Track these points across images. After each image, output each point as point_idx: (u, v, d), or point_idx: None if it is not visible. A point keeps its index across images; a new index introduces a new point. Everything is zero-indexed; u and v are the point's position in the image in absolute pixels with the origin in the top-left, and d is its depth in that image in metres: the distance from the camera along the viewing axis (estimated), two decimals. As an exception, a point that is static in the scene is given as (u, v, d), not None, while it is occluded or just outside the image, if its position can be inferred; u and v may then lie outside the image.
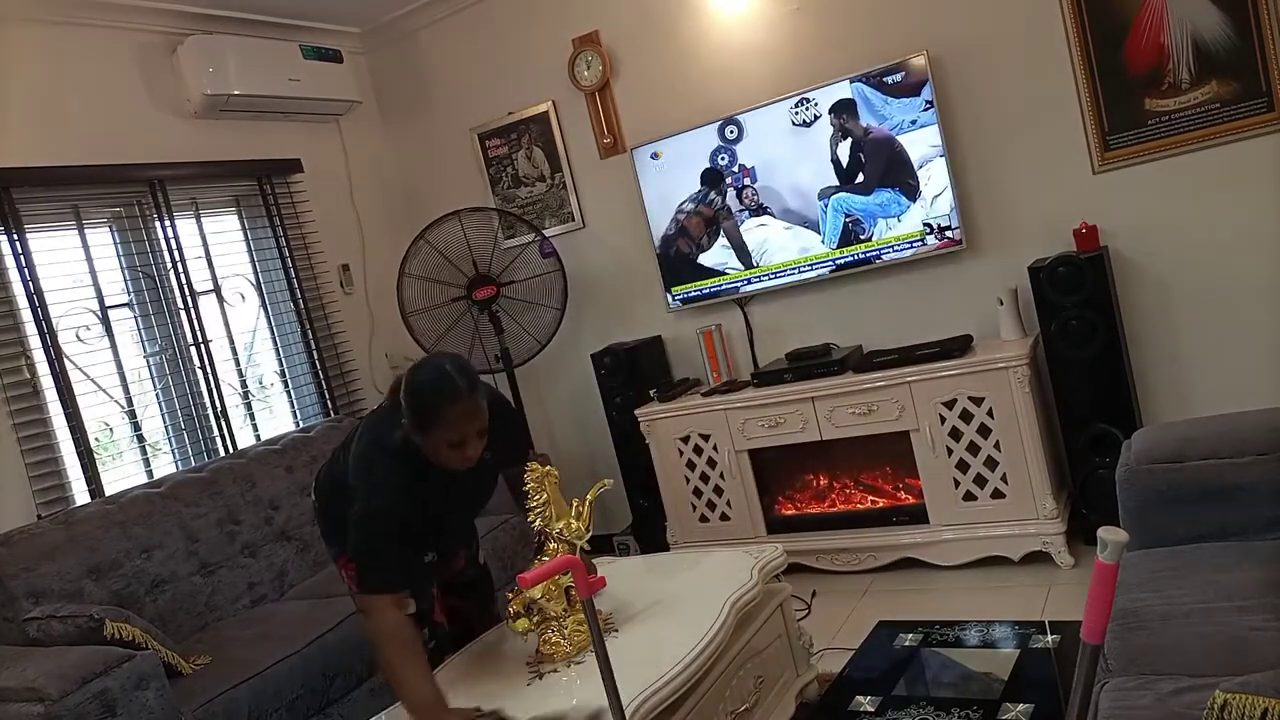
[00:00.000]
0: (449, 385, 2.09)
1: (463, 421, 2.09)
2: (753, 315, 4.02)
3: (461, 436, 2.10)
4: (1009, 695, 2.45)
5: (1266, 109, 3.00)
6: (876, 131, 3.47)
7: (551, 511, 2.26)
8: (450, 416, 2.08)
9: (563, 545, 2.25)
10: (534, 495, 2.27)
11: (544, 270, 4.14)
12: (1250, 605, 1.65)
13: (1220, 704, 1.19)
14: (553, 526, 2.25)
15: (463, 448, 2.12)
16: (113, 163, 3.48)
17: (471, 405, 2.11)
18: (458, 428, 2.09)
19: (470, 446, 2.13)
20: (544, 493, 2.27)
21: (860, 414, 3.39)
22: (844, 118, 3.52)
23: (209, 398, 3.70)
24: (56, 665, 2.29)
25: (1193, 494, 1.98)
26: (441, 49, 4.51)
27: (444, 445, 2.11)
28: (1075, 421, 3.20)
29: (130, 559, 2.96)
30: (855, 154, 3.53)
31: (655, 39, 4.00)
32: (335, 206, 4.43)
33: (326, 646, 2.80)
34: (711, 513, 3.79)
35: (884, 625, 3.04)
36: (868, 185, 3.55)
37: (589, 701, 1.90)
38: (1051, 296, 3.13)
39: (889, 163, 3.48)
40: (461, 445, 2.11)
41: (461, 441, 2.11)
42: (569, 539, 2.25)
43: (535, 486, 2.27)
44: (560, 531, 2.25)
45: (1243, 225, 3.11)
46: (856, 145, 3.53)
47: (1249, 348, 3.17)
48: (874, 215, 3.56)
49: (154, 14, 3.69)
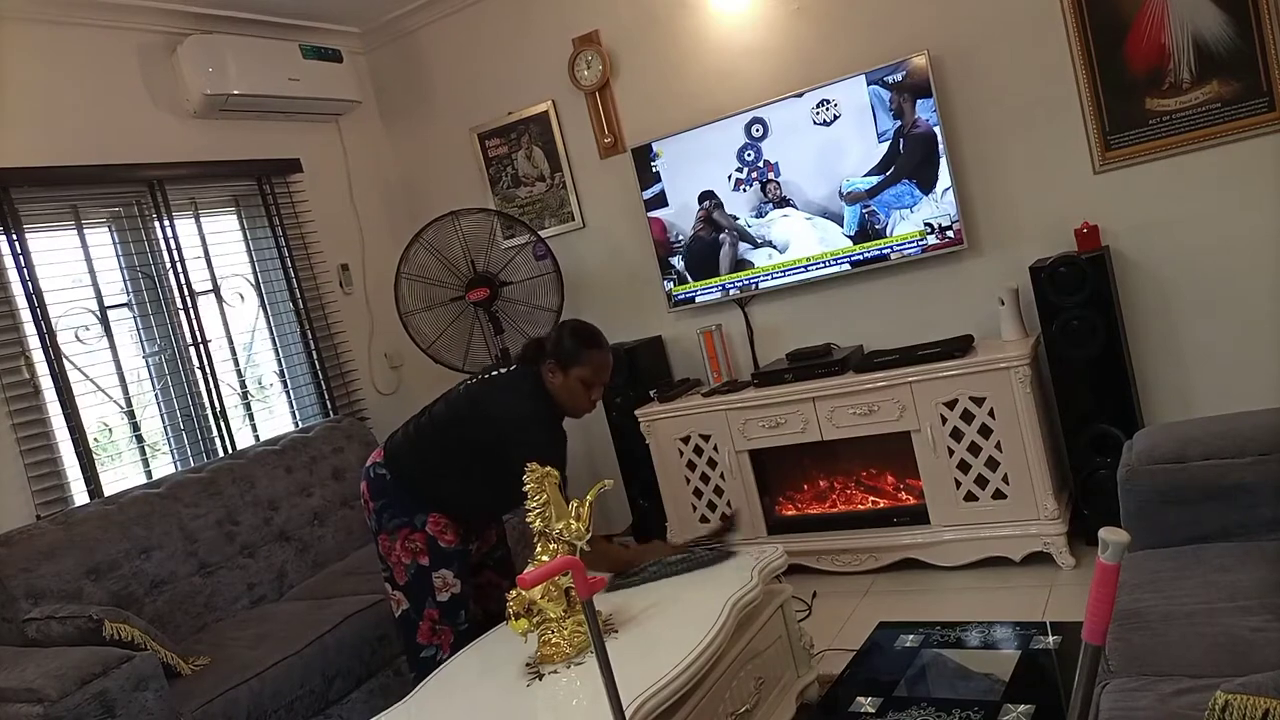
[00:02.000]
0: (601, 335, 2.56)
1: (604, 367, 2.53)
2: (753, 315, 4.01)
3: (599, 379, 2.53)
4: (1010, 696, 2.44)
5: (1267, 109, 2.99)
6: (922, 125, 3.43)
7: (551, 512, 2.26)
8: (599, 357, 2.51)
9: (562, 546, 2.24)
10: (534, 495, 2.26)
11: (539, 272, 4.13)
12: (1252, 606, 1.64)
13: (1221, 705, 1.19)
14: (552, 527, 2.25)
15: (590, 391, 2.52)
16: (112, 163, 3.48)
17: (611, 357, 2.57)
18: (600, 371, 2.52)
19: (596, 391, 2.54)
20: (544, 493, 2.26)
21: (861, 414, 3.39)
22: (903, 98, 3.45)
23: (208, 398, 3.70)
24: (56, 666, 2.28)
25: (1194, 494, 1.98)
26: (441, 49, 4.50)
27: (580, 384, 2.50)
28: (1076, 422, 3.19)
29: (129, 559, 2.96)
30: (896, 142, 3.49)
31: (655, 39, 3.99)
32: (335, 206, 4.43)
33: (326, 647, 2.79)
34: (712, 513, 3.79)
35: (885, 626, 3.04)
36: (896, 177, 3.51)
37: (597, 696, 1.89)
38: (1052, 296, 3.13)
39: (923, 157, 3.45)
40: (592, 388, 2.52)
41: (594, 385, 2.52)
42: (569, 539, 2.25)
43: (535, 487, 2.26)
44: (560, 532, 2.25)
45: (1244, 225, 3.11)
46: (898, 134, 3.48)
47: (1250, 347, 3.17)
48: (889, 207, 3.54)
49: (154, 14, 3.69)
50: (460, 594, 2.57)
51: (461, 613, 2.57)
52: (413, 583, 2.55)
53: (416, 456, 2.60)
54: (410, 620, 2.57)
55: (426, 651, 2.56)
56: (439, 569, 2.54)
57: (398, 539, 2.55)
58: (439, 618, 2.55)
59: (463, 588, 2.57)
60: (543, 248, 4.14)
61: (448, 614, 2.55)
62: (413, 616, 2.56)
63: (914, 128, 3.44)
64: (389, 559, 2.58)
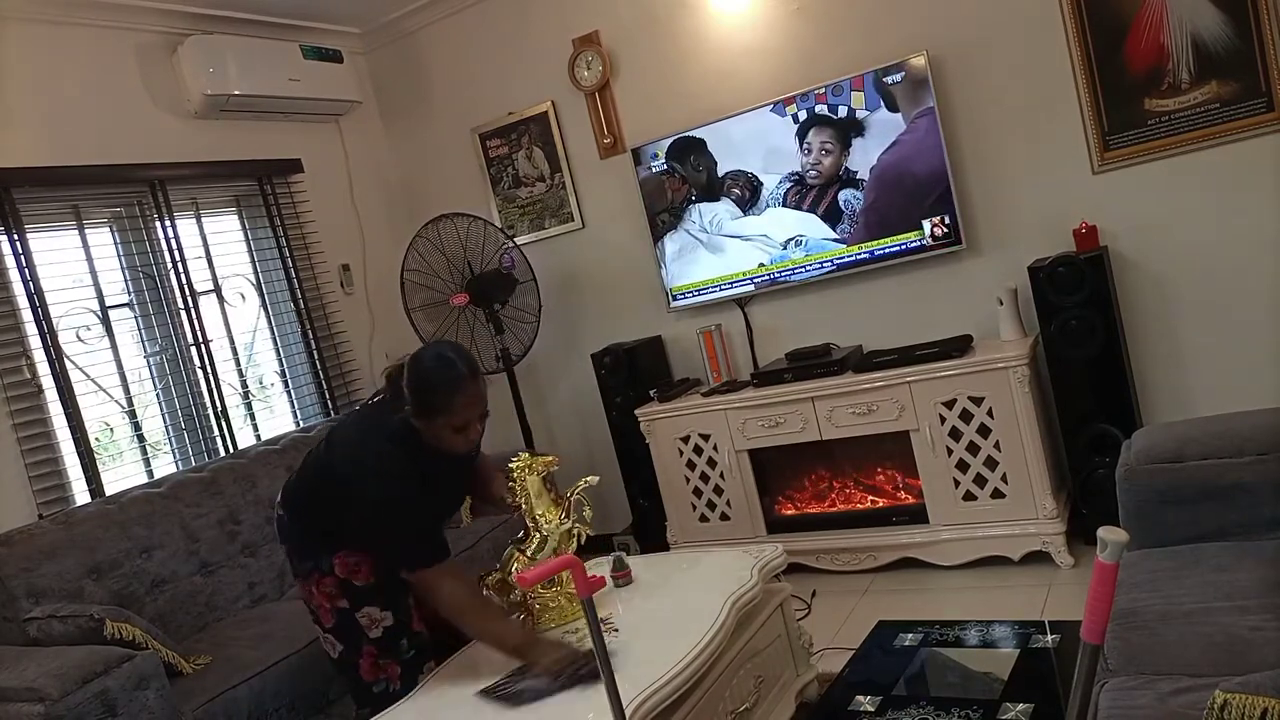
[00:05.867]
0: (454, 371, 2.17)
1: (467, 406, 2.18)
2: (753, 315, 4.02)
3: (465, 421, 2.19)
4: (1009, 695, 2.44)
5: (1266, 109, 3.00)
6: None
7: (531, 499, 2.28)
8: (457, 402, 2.16)
9: (562, 538, 2.26)
10: (514, 492, 2.31)
11: (522, 279, 4.10)
12: (1250, 605, 1.65)
13: (1220, 704, 1.19)
14: (534, 511, 2.27)
15: (466, 431, 2.21)
16: (113, 163, 3.48)
17: (475, 389, 2.19)
18: (463, 413, 2.18)
19: (473, 430, 2.22)
20: (526, 491, 2.30)
21: (860, 414, 3.39)
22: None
23: (209, 398, 3.71)
24: (57, 665, 2.29)
25: (1192, 494, 1.98)
26: (441, 49, 4.51)
27: (448, 430, 2.19)
28: (1075, 421, 3.20)
29: (130, 559, 2.96)
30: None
31: (655, 39, 4.00)
32: (335, 206, 4.43)
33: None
34: (711, 512, 3.79)
35: (884, 625, 3.04)
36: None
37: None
38: (1051, 296, 3.13)
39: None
40: (465, 429, 2.20)
41: (465, 426, 2.20)
42: (545, 531, 2.27)
43: (518, 479, 2.29)
44: (541, 516, 2.28)
45: (1243, 225, 3.11)
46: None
47: (1249, 347, 3.17)
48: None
49: (154, 14, 3.69)
50: (394, 624, 2.35)
51: (402, 641, 2.36)
52: (340, 625, 2.35)
53: (306, 495, 2.39)
54: (347, 660, 2.37)
55: (377, 686, 2.36)
56: (361, 608, 2.33)
57: (311, 583, 2.35)
58: (378, 653, 2.35)
59: (395, 616, 2.35)
60: (509, 258, 4.07)
61: (386, 648, 2.35)
62: (349, 656, 2.36)
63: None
64: (310, 603, 2.39)
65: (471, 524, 3.46)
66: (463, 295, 3.99)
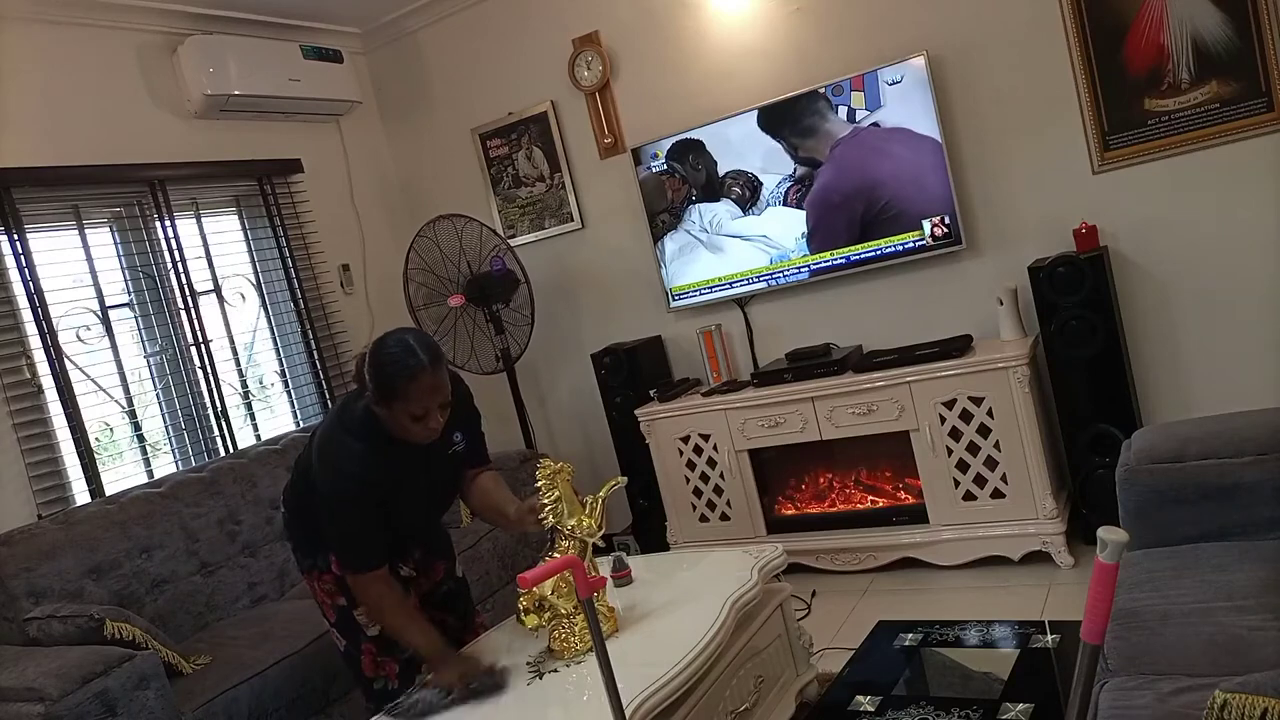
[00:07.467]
0: (412, 358, 2.12)
1: (426, 394, 2.13)
2: (753, 315, 4.02)
3: (424, 409, 2.14)
4: (1009, 695, 2.45)
5: (1266, 109, 3.00)
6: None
7: (563, 508, 2.26)
8: (414, 389, 2.11)
9: (574, 543, 2.25)
10: (546, 492, 2.27)
11: (517, 280, 4.10)
12: (1250, 605, 1.65)
13: (1220, 704, 1.19)
14: (564, 524, 2.25)
15: (425, 420, 2.16)
16: (113, 163, 3.48)
17: (434, 377, 2.14)
18: (421, 400, 2.13)
19: (433, 419, 2.17)
20: (556, 489, 2.27)
21: (860, 414, 3.39)
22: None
23: (209, 398, 3.71)
24: (57, 665, 2.29)
25: (1192, 494, 1.98)
26: (441, 49, 4.51)
27: (407, 417, 2.14)
28: (1075, 421, 3.20)
29: (130, 559, 2.96)
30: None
31: (655, 39, 4.00)
32: (335, 206, 4.43)
33: (326, 646, 2.79)
34: (711, 512, 3.79)
35: (884, 625, 3.04)
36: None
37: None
38: (1051, 296, 3.13)
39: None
40: (424, 418, 2.15)
41: (424, 414, 2.15)
42: (580, 536, 2.25)
43: (547, 484, 2.27)
44: (572, 529, 2.25)
45: (1243, 225, 3.12)
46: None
47: (1249, 348, 3.17)
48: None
49: (154, 14, 3.69)
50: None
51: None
52: (340, 621, 2.41)
53: (299, 493, 2.41)
54: (352, 655, 2.44)
55: (377, 683, 2.42)
56: (358, 605, 2.36)
57: (313, 579, 2.42)
58: (377, 651, 2.41)
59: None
60: (499, 262, 4.06)
61: (385, 646, 2.40)
62: (352, 652, 2.43)
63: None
64: (316, 598, 2.45)
65: (471, 524, 3.48)
66: (459, 296, 3.99)
